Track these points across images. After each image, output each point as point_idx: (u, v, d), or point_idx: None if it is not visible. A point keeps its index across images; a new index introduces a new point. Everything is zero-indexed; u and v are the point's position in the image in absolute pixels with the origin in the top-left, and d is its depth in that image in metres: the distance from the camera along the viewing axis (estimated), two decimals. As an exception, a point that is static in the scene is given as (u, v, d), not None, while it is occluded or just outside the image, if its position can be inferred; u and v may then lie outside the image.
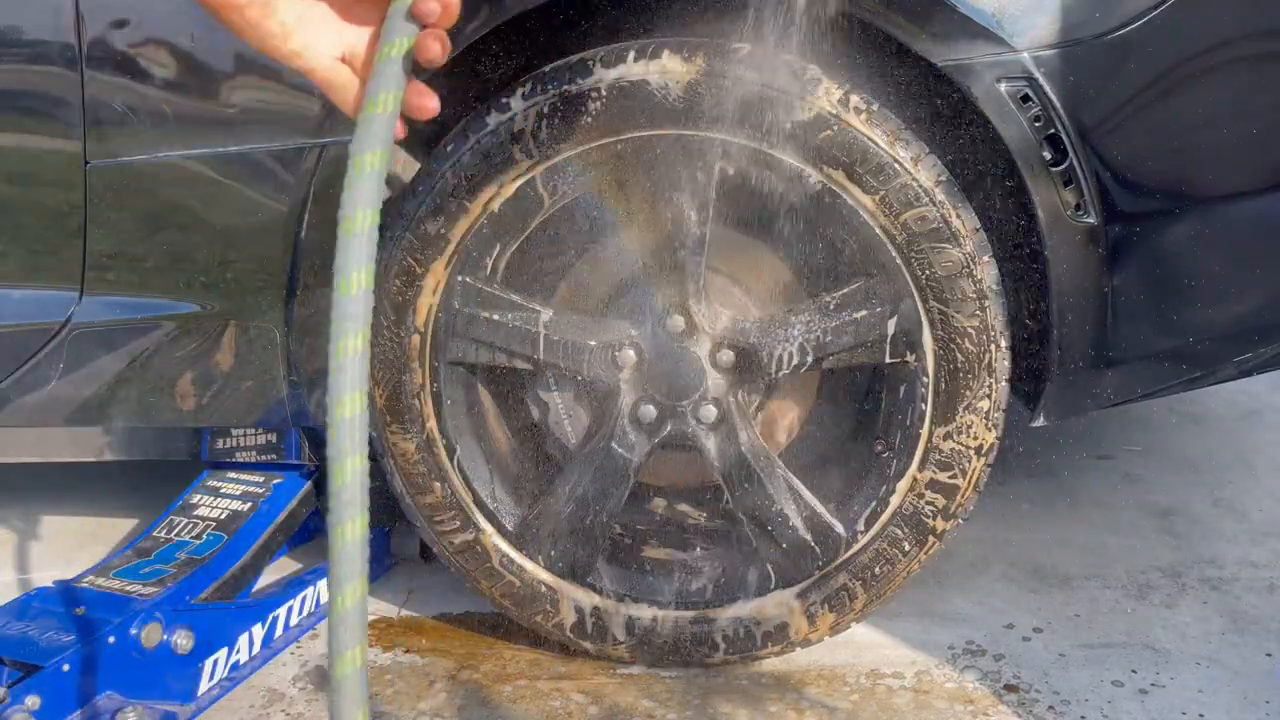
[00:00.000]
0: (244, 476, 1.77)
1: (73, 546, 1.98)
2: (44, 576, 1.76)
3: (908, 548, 1.48)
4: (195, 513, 1.72)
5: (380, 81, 0.73)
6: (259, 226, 1.50)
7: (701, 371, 1.47)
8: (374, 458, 1.54)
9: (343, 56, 0.76)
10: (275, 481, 1.75)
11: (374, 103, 0.73)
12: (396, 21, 0.73)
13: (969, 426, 1.42)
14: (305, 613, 1.70)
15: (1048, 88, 1.32)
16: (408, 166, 1.57)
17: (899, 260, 1.38)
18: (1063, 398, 1.47)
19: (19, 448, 1.73)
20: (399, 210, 1.45)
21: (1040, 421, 1.49)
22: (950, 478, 1.44)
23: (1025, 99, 1.32)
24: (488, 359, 1.50)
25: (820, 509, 1.50)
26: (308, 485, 1.73)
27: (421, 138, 1.54)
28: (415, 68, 0.75)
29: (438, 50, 0.73)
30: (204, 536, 1.67)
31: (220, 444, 1.72)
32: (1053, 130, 1.33)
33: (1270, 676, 1.53)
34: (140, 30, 1.46)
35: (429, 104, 0.74)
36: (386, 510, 1.64)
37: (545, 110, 1.38)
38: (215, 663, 1.54)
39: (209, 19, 0.76)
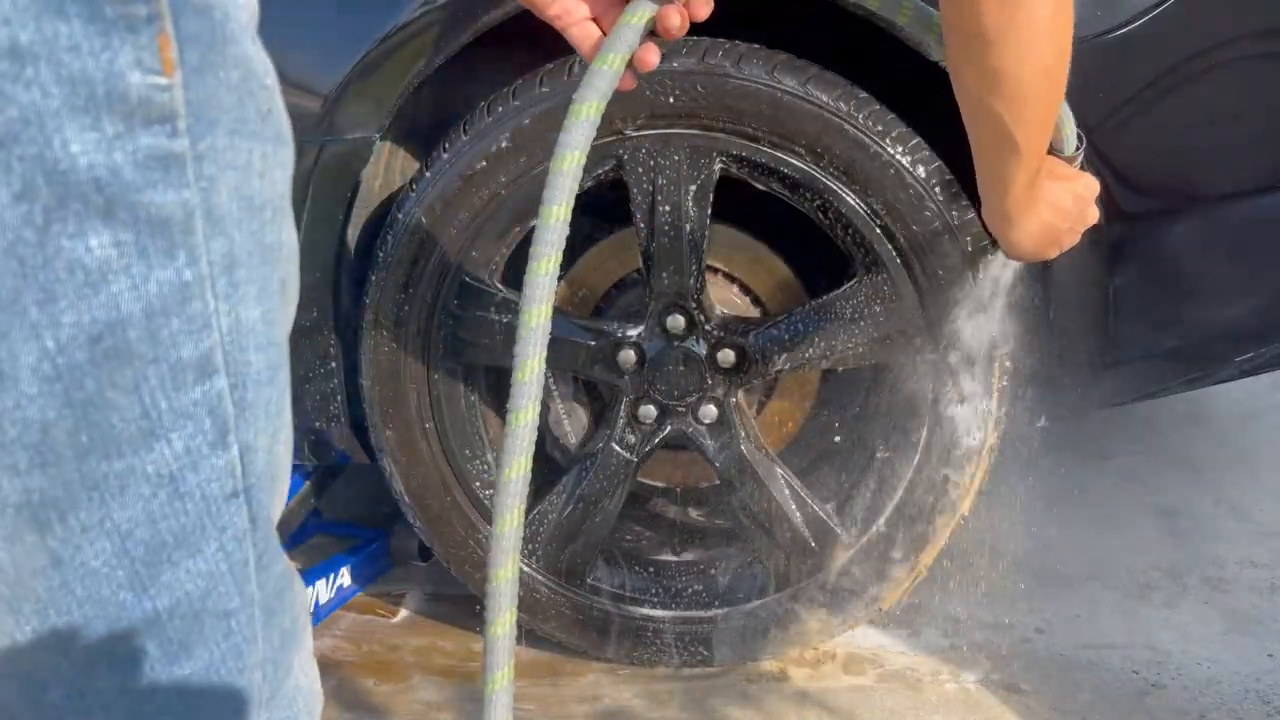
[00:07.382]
0: (243, 476, 1.76)
1: (72, 546, 1.98)
2: (43, 577, 1.76)
3: (908, 548, 1.47)
4: (194, 513, 1.72)
5: (612, 43, 0.84)
6: (258, 226, 1.50)
7: (701, 371, 1.47)
8: (373, 457, 1.54)
9: (594, 16, 0.88)
10: (274, 481, 1.74)
11: (602, 60, 0.84)
12: None
13: (969, 427, 1.42)
14: (304, 613, 1.69)
15: (1048, 87, 1.31)
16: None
17: (899, 260, 1.38)
18: (1063, 398, 1.46)
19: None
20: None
21: (1040, 421, 1.49)
22: (950, 479, 1.44)
23: (1025, 98, 1.32)
24: (487, 358, 1.50)
25: (820, 509, 1.50)
26: (306, 485, 1.73)
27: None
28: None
29: (677, 22, 0.84)
30: (203, 536, 1.66)
31: (219, 444, 1.72)
32: (1053, 130, 1.33)
33: (1272, 676, 1.53)
34: (139, 30, 1.46)
35: (650, 59, 0.86)
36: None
37: None
38: (214, 663, 1.54)
39: None
